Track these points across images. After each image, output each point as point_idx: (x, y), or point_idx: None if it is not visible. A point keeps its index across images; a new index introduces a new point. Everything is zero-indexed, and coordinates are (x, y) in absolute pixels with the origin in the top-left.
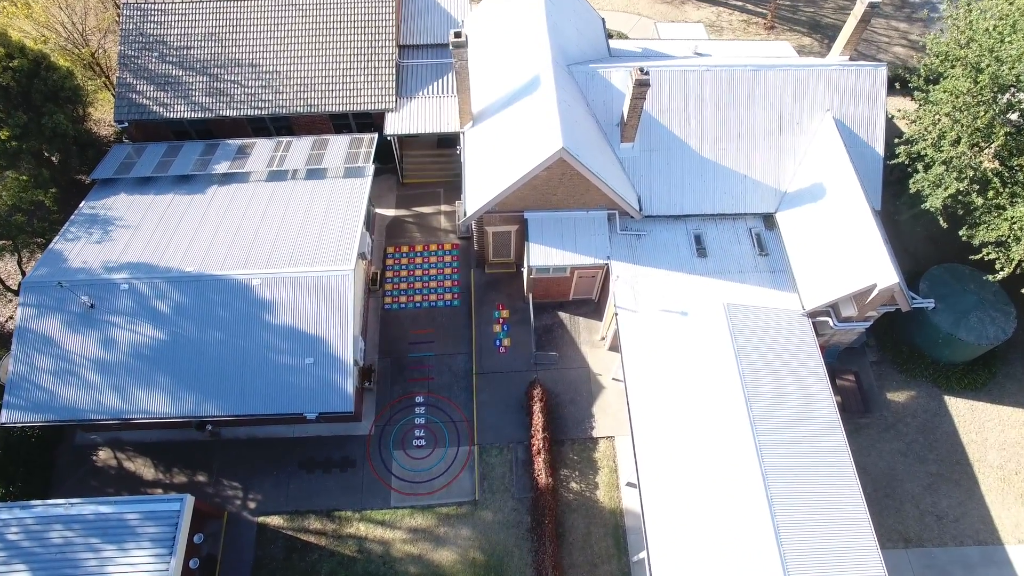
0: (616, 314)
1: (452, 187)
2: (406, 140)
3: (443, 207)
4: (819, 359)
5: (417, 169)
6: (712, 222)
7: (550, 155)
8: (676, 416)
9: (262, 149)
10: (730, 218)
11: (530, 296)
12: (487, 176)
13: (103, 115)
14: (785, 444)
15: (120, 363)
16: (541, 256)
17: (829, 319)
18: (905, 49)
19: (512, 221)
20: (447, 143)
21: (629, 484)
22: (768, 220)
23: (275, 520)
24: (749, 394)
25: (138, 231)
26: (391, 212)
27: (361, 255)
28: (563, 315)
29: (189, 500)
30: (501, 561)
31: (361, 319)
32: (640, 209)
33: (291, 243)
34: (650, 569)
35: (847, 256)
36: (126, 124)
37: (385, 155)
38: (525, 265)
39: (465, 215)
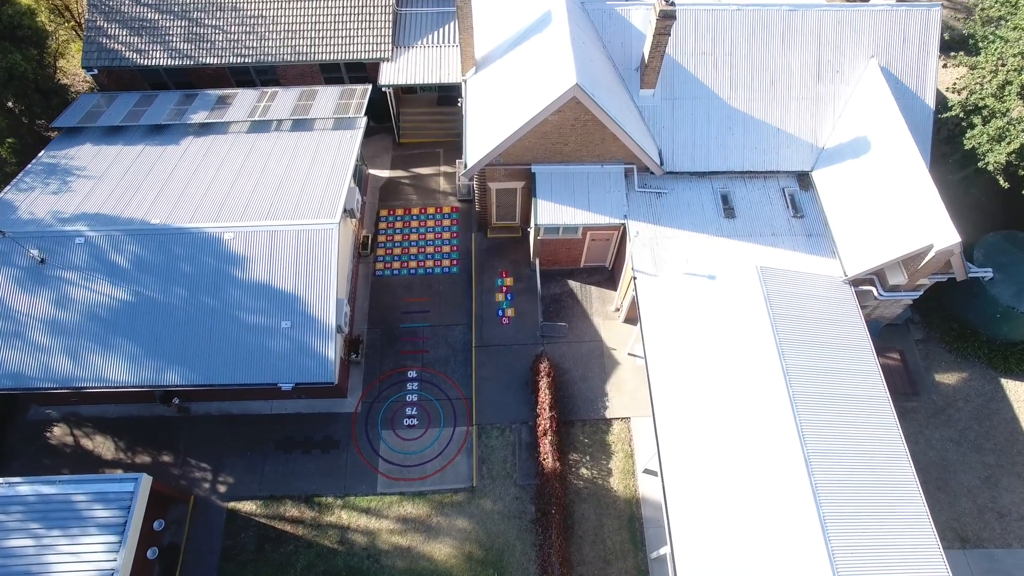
0: (634, 278)
1: (452, 147)
2: (404, 97)
3: (442, 168)
4: (864, 330)
5: (415, 128)
6: (740, 180)
7: (562, 92)
8: (703, 393)
9: (244, 99)
10: (760, 176)
11: (537, 262)
12: (491, 124)
13: (77, 69)
14: (830, 425)
15: (73, 325)
16: (550, 214)
17: (873, 288)
18: (947, 10)
19: (518, 177)
20: (448, 101)
21: (647, 471)
22: (803, 179)
23: (247, 506)
24: (788, 367)
25: (101, 182)
26: (385, 173)
27: (349, 212)
28: (573, 284)
29: (145, 480)
30: (501, 555)
31: (348, 284)
32: (661, 164)
33: (270, 196)
34: (674, 568)
35: (898, 216)
36: (95, 71)
37: (381, 113)
38: (532, 225)
39: (466, 168)
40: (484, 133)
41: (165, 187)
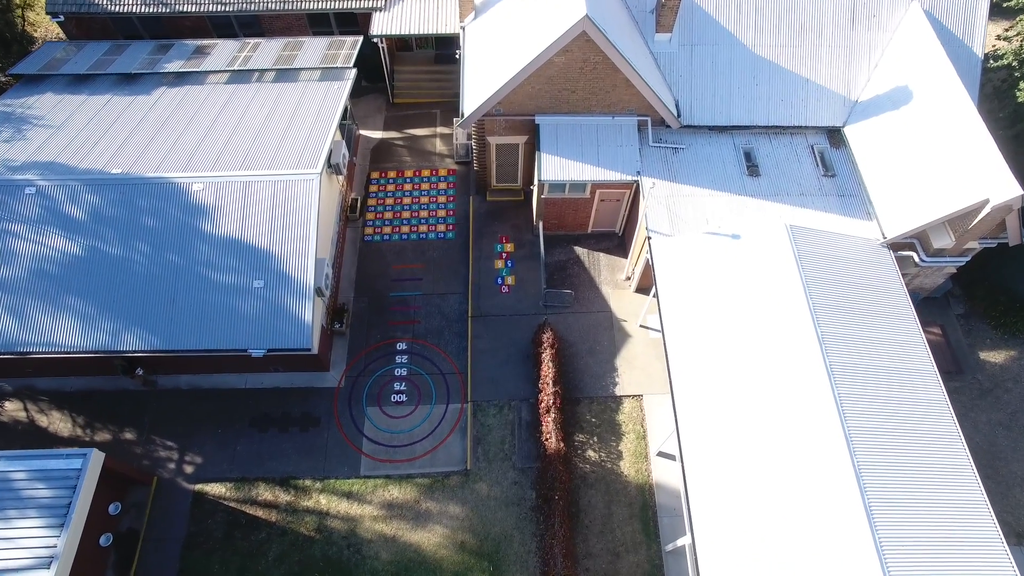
0: (648, 238)
1: (450, 108)
2: (398, 55)
3: (439, 129)
4: (906, 297)
5: (410, 87)
6: (765, 136)
7: (570, 26)
8: (726, 365)
9: (224, 50)
10: (787, 132)
11: (540, 225)
12: (491, 68)
13: (50, 24)
14: (873, 400)
15: (20, 283)
16: (555, 169)
17: (914, 254)
18: None
19: (520, 130)
20: (445, 59)
21: (662, 454)
22: (834, 136)
23: (216, 488)
24: (823, 335)
25: (59, 132)
26: (377, 134)
27: (334, 167)
28: (580, 250)
29: (95, 457)
30: (497, 546)
31: (333, 247)
32: (678, 116)
33: (246, 146)
34: (696, 563)
35: (947, 170)
36: (62, 18)
37: (374, 72)
38: (535, 181)
39: (462, 118)
40: (483, 78)
41: (131, 137)
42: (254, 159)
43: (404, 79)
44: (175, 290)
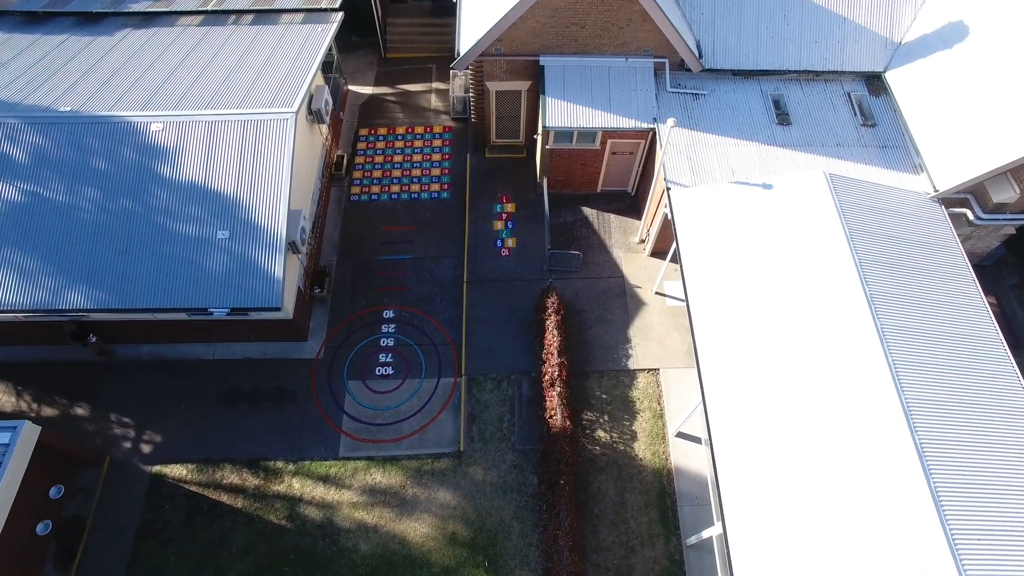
0: (667, 189)
1: (446, 63)
2: (392, 6)
3: (434, 84)
4: (962, 255)
5: (404, 41)
6: (795, 83)
7: None
8: (759, 330)
9: None
10: (820, 78)
11: (545, 181)
12: (489, 3)
13: None
14: (933, 369)
15: None
16: (561, 115)
17: (968, 211)
18: None
19: (522, 74)
20: (442, 11)
21: (681, 435)
22: (873, 83)
23: (176, 470)
24: (872, 295)
25: (3, 70)
26: (368, 90)
27: (315, 113)
28: (588, 211)
29: (28, 431)
30: (493, 537)
31: (313, 204)
32: (700, 58)
33: (215, 86)
34: (728, 556)
35: (1013, 111)
36: None
37: (364, 26)
38: (539, 129)
39: (458, 57)
40: (482, 12)
41: (85, 76)
42: (223, 98)
43: (397, 32)
44: (128, 240)
